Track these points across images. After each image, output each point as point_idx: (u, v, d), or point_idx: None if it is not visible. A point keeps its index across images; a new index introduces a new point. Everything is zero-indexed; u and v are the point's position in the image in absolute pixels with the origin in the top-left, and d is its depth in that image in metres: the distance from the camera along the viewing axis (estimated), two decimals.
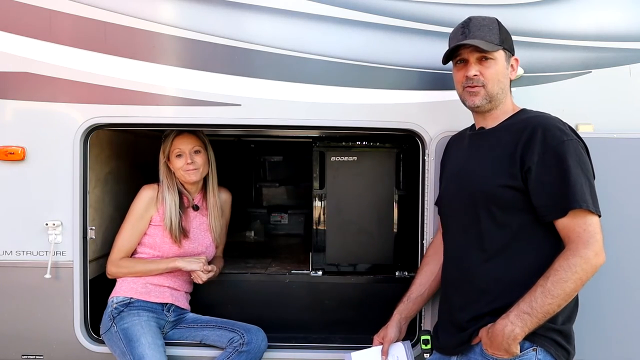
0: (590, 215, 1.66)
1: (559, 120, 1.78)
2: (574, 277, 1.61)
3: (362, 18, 2.25)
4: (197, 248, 2.48)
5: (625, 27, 2.26)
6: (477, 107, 1.86)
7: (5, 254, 2.34)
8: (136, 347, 2.22)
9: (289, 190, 4.57)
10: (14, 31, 2.27)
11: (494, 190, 1.75)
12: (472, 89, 1.85)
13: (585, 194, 1.66)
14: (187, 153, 2.42)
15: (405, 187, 2.75)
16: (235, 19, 2.26)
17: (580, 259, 1.62)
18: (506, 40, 1.86)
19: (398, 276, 2.69)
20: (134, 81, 2.27)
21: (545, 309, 1.62)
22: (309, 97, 2.27)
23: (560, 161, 1.68)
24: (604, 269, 2.11)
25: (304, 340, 2.52)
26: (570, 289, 1.62)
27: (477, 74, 1.83)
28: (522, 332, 1.63)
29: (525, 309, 1.63)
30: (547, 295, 1.61)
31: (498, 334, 1.65)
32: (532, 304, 1.62)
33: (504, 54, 1.85)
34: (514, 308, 1.65)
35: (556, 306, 1.62)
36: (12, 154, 2.30)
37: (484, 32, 1.83)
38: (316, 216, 2.79)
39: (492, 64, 1.83)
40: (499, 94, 1.84)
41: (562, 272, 1.62)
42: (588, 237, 1.64)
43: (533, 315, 1.62)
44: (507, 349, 1.65)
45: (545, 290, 1.62)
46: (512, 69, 1.89)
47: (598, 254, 1.64)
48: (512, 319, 1.63)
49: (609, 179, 2.09)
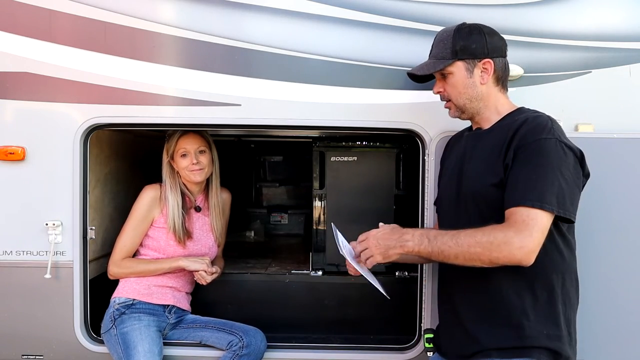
0: (541, 213, 1.60)
1: (549, 121, 1.73)
2: (485, 246, 1.58)
3: (362, 18, 2.25)
4: (201, 249, 2.48)
5: (625, 27, 2.26)
6: (457, 117, 1.91)
7: (5, 254, 2.34)
8: (132, 355, 2.22)
9: (289, 190, 4.57)
10: (14, 31, 2.27)
11: (484, 190, 1.74)
12: (446, 104, 1.92)
13: (544, 192, 1.61)
14: (192, 153, 2.41)
15: (405, 187, 2.76)
16: (235, 19, 2.26)
17: (504, 238, 1.57)
18: (463, 50, 1.82)
19: (398, 276, 2.70)
20: (134, 81, 2.27)
21: (443, 248, 1.62)
22: (309, 97, 2.27)
23: (531, 156, 1.65)
24: (604, 269, 2.13)
25: (304, 340, 2.52)
26: (474, 253, 1.59)
27: (440, 90, 1.91)
28: (411, 248, 1.65)
29: (430, 236, 1.65)
30: (454, 240, 1.61)
31: (396, 233, 1.67)
32: (437, 236, 1.64)
33: (462, 64, 1.83)
34: (424, 229, 1.68)
35: (452, 255, 1.61)
36: (12, 154, 2.30)
37: (439, 48, 1.87)
38: (316, 216, 2.79)
39: (450, 78, 1.86)
40: (467, 104, 1.86)
41: (481, 235, 1.59)
42: (524, 228, 1.58)
43: (430, 244, 1.63)
44: (385, 251, 1.67)
45: (457, 234, 1.62)
46: (485, 72, 1.83)
47: (523, 248, 1.56)
48: (417, 233, 1.66)
49: (609, 179, 2.10)
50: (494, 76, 1.85)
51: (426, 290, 2.28)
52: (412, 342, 2.37)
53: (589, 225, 1.78)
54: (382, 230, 1.73)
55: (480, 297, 1.77)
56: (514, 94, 1.97)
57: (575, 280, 1.79)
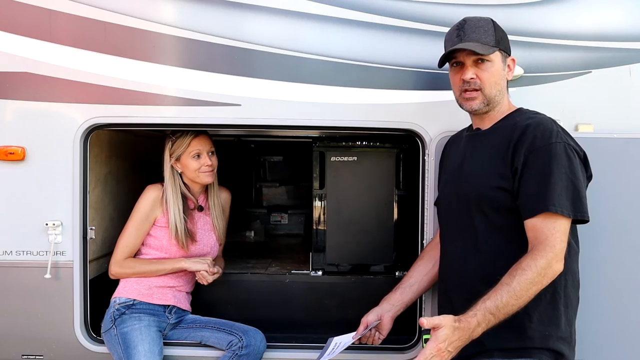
0: (561, 220, 1.63)
1: (553, 122, 1.75)
2: (538, 279, 1.57)
3: (362, 18, 2.25)
4: (203, 249, 2.48)
5: (625, 27, 2.26)
6: (475, 110, 1.86)
7: (5, 254, 2.34)
8: (133, 355, 2.22)
9: (289, 190, 4.57)
10: (14, 31, 2.27)
11: (487, 191, 1.75)
12: (469, 93, 1.83)
13: (562, 197, 1.63)
14: (205, 154, 2.42)
15: (405, 187, 2.75)
16: (235, 19, 2.26)
17: (546, 262, 1.59)
18: (502, 41, 1.84)
19: (398, 276, 2.69)
20: (134, 81, 2.27)
21: (508, 310, 1.55)
22: (309, 97, 2.27)
23: (544, 162, 1.66)
24: (605, 269, 2.13)
25: (304, 340, 2.52)
26: (532, 292, 1.58)
27: (473, 77, 1.81)
28: (481, 332, 1.55)
29: (492, 309, 1.54)
30: (512, 296, 1.55)
31: (466, 331, 1.53)
32: (497, 303, 1.54)
33: (500, 55, 1.83)
34: (481, 306, 1.54)
35: (517, 308, 1.56)
36: (12, 154, 2.30)
37: (480, 33, 1.81)
38: (316, 216, 2.79)
39: (488, 66, 1.81)
40: (496, 97, 1.84)
41: (530, 273, 1.57)
42: (555, 242, 1.61)
43: (496, 317, 1.55)
44: (457, 344, 1.54)
45: (511, 290, 1.55)
46: (509, 69, 1.88)
47: (559, 261, 1.62)
48: (480, 318, 1.54)
49: (609, 179, 2.10)
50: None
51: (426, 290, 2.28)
52: (412, 342, 2.37)
53: (589, 225, 1.78)
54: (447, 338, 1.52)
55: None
56: (514, 94, 1.97)
57: (577, 281, 1.80)
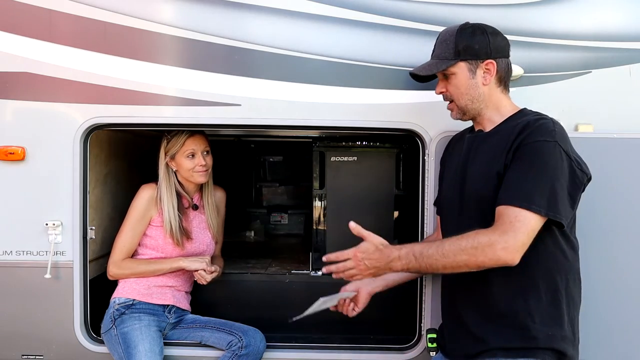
0: (532, 215, 1.60)
1: (552, 124, 1.71)
2: (471, 251, 1.60)
3: (362, 18, 2.25)
4: (199, 247, 2.48)
5: (625, 27, 2.26)
6: (458, 119, 1.91)
7: (5, 254, 2.34)
8: (133, 355, 2.22)
9: (289, 190, 4.57)
10: (14, 31, 2.27)
11: (487, 192, 1.74)
12: (448, 105, 1.91)
13: (534, 194, 1.61)
14: (199, 154, 2.42)
15: (405, 187, 2.75)
16: (235, 18, 2.26)
17: (488, 241, 1.59)
18: (466, 50, 1.81)
19: None
20: (134, 81, 2.27)
21: (430, 261, 1.63)
22: (309, 97, 2.27)
23: (530, 158, 1.65)
24: (605, 269, 2.13)
25: (304, 340, 2.52)
26: (460, 260, 1.61)
27: (442, 90, 1.90)
28: (399, 269, 1.68)
29: (416, 253, 1.65)
30: (439, 252, 1.62)
31: (385, 257, 1.67)
32: (422, 250, 1.65)
33: (465, 64, 1.82)
34: (409, 246, 1.68)
35: (440, 267, 1.64)
36: (12, 154, 2.30)
37: (442, 48, 1.85)
38: (316, 216, 2.79)
39: (452, 79, 1.85)
40: (469, 105, 1.85)
41: (465, 241, 1.61)
42: (509, 228, 1.59)
43: (417, 261, 1.65)
44: (374, 273, 1.70)
45: (441, 246, 1.64)
46: (488, 73, 1.82)
47: (507, 249, 1.58)
48: (403, 253, 1.66)
49: (609, 179, 2.10)
50: (497, 77, 1.83)
51: (426, 290, 2.28)
52: (412, 342, 2.37)
53: (589, 225, 1.78)
54: (367, 251, 1.72)
55: (485, 299, 1.77)
56: (514, 94, 1.96)
57: (578, 281, 1.80)
